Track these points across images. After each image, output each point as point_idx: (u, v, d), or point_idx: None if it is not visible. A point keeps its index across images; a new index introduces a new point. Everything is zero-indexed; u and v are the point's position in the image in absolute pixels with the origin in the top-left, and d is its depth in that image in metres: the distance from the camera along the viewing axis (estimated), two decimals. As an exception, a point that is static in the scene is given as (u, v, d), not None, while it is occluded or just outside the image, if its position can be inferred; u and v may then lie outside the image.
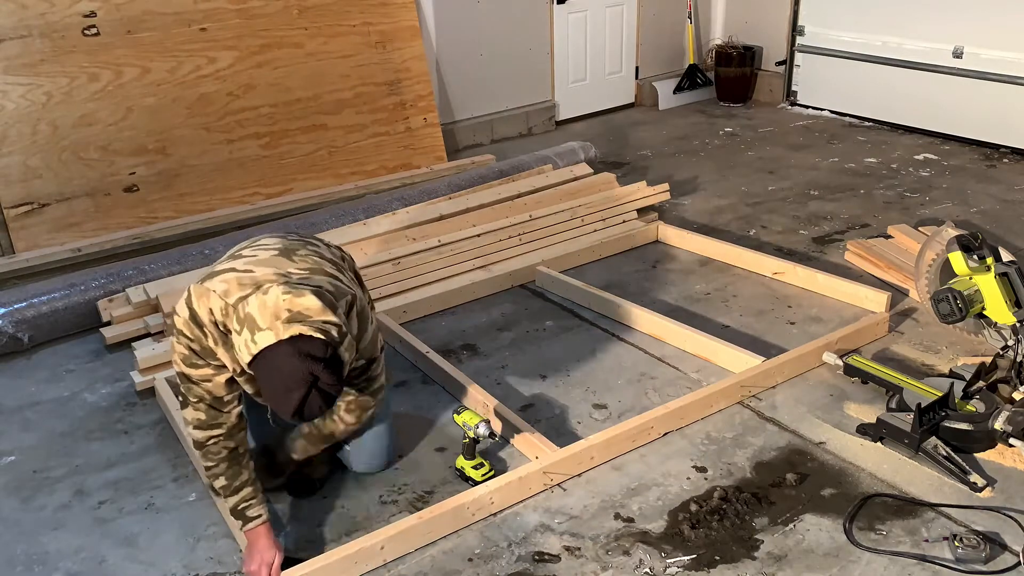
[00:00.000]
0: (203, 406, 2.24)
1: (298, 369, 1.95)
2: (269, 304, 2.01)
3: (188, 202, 4.71)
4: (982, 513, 2.48)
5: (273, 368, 1.97)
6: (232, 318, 2.06)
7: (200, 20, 4.71)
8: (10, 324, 3.49)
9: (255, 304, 2.02)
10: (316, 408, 2.01)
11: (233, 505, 2.30)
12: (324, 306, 2.03)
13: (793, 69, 6.79)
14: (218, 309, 2.10)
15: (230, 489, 2.29)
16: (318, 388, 1.98)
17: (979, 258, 3.06)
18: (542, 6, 6.23)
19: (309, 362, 1.96)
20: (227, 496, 2.30)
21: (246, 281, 2.09)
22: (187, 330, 2.17)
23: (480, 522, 2.51)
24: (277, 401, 2.01)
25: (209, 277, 2.16)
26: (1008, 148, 5.61)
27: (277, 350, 1.96)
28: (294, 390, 1.96)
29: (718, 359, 3.25)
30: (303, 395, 1.97)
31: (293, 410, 1.99)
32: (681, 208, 4.85)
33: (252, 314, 2.01)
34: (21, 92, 4.29)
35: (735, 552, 2.37)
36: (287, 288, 2.04)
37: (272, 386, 1.99)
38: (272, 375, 1.98)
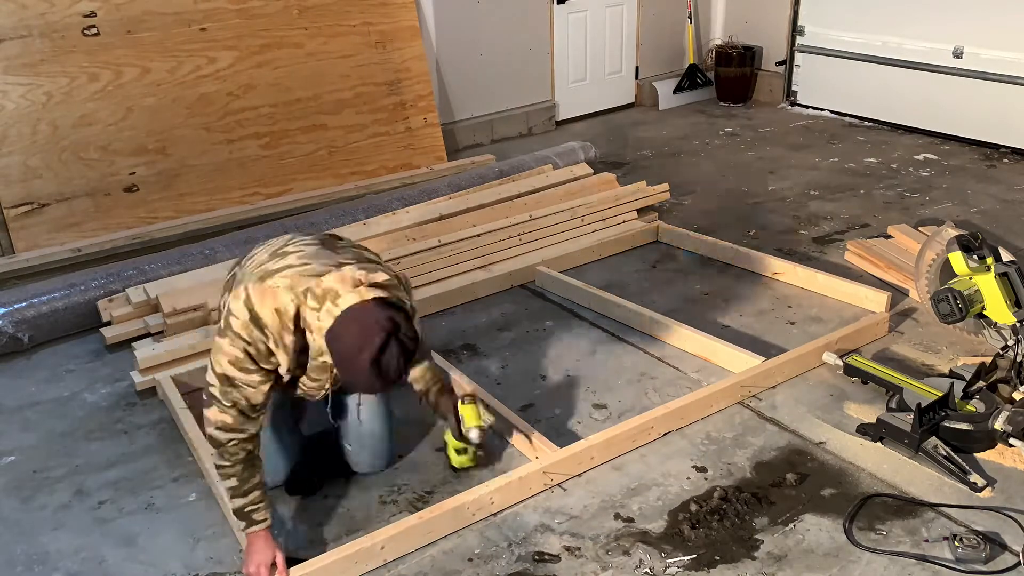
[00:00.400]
0: (235, 411, 2.21)
1: (381, 316, 2.03)
2: (348, 277, 2.11)
3: (188, 202, 4.71)
4: (982, 513, 2.48)
5: (355, 322, 2.04)
6: (307, 301, 2.11)
7: (200, 20, 4.71)
8: (10, 324, 3.49)
9: (333, 279, 2.11)
10: (395, 361, 2.04)
11: (240, 507, 2.27)
12: (391, 282, 2.18)
13: (793, 69, 6.79)
14: (288, 301, 2.13)
15: (240, 491, 2.26)
16: (398, 338, 2.03)
17: (979, 258, 3.06)
18: (542, 6, 6.23)
19: (391, 310, 2.06)
20: (235, 497, 2.27)
21: (308, 272, 2.15)
22: (245, 332, 2.15)
23: (480, 522, 2.51)
24: (355, 357, 2.03)
25: (265, 276, 2.17)
26: (1008, 148, 5.61)
27: (361, 307, 2.05)
28: (375, 335, 2.01)
29: (718, 359, 3.25)
30: (383, 340, 2.01)
31: (371, 358, 2.01)
32: (681, 208, 4.85)
33: (332, 287, 2.09)
34: (21, 92, 4.29)
35: (735, 552, 2.37)
36: (361, 265, 2.17)
37: (350, 341, 2.03)
38: (352, 329, 2.03)
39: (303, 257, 2.21)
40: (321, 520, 2.55)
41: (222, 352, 2.19)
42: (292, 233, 2.42)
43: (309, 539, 2.48)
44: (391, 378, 2.09)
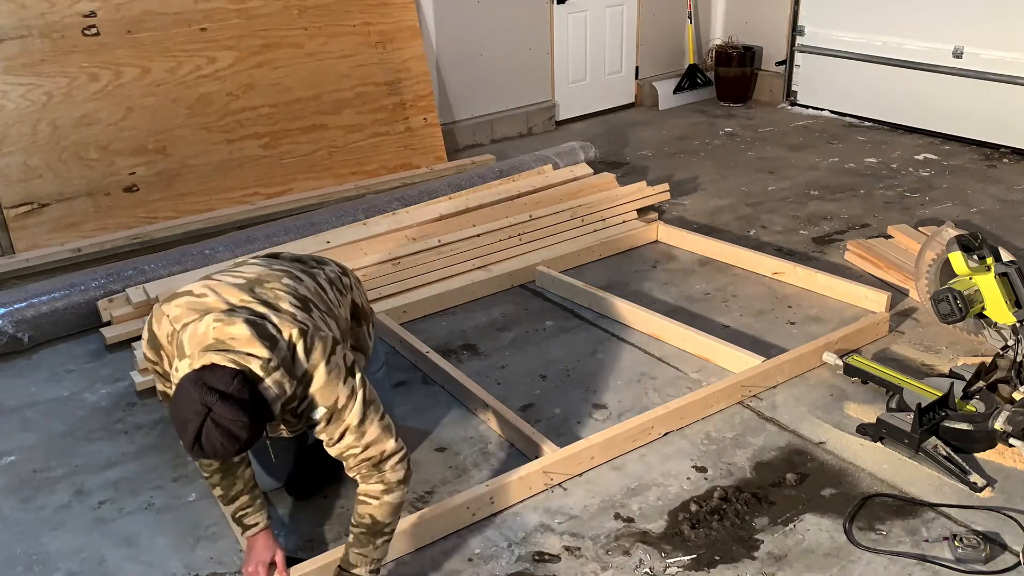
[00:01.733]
0: None
1: (193, 400, 1.84)
2: (199, 332, 1.96)
3: (188, 202, 4.71)
4: (982, 513, 2.48)
5: (176, 401, 1.88)
6: (174, 345, 2.02)
7: (200, 20, 4.71)
8: (10, 324, 3.49)
9: (189, 332, 1.97)
10: (217, 444, 1.85)
11: (231, 513, 2.28)
12: (253, 336, 1.93)
13: (793, 69, 6.79)
14: (166, 335, 2.05)
15: (227, 499, 2.26)
16: (214, 421, 1.83)
17: (979, 258, 3.06)
18: (542, 6, 6.23)
19: (204, 392, 1.84)
20: (225, 505, 2.29)
21: (196, 307, 2.03)
22: (149, 352, 2.12)
23: (480, 522, 2.51)
24: (179, 434, 1.89)
25: (169, 299, 2.10)
26: (1008, 148, 5.61)
27: (184, 382, 1.88)
28: (189, 421, 1.84)
29: (718, 359, 3.25)
30: (197, 427, 1.83)
31: (190, 445, 1.86)
32: (681, 208, 4.85)
33: (184, 342, 1.97)
34: (21, 92, 4.29)
35: (735, 552, 2.37)
36: (219, 316, 1.98)
37: (175, 418, 1.88)
38: (175, 408, 1.88)
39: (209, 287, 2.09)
40: (321, 520, 2.55)
41: None
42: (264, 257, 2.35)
43: (309, 539, 2.48)
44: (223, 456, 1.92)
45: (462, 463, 2.78)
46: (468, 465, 2.77)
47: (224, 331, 1.94)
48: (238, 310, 2.01)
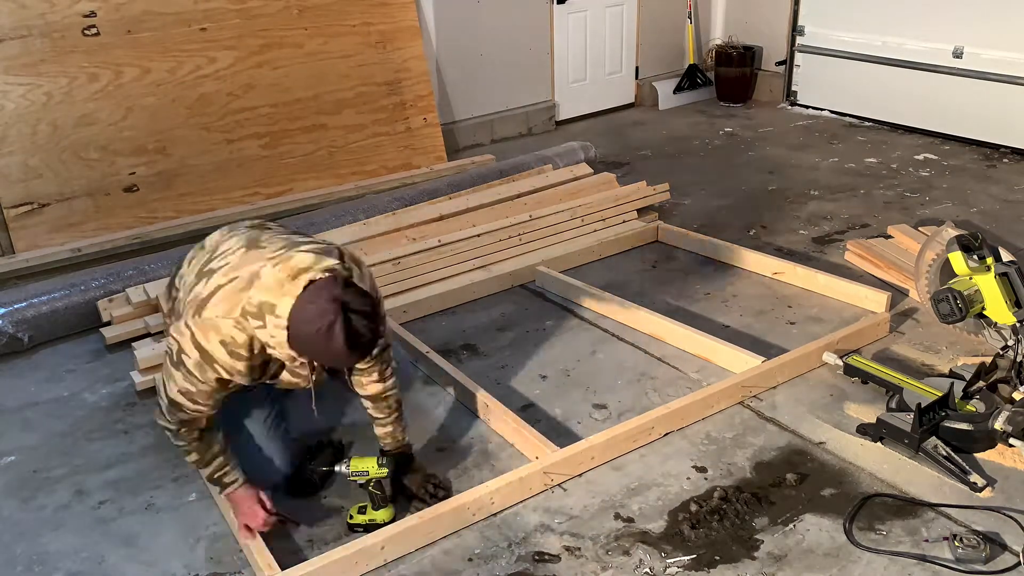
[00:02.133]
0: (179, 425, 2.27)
1: (325, 304, 1.96)
2: (269, 282, 2.04)
3: (188, 202, 4.71)
4: (982, 513, 2.48)
5: (305, 322, 1.97)
6: (250, 320, 2.06)
7: (200, 20, 4.71)
8: (10, 324, 3.49)
9: (258, 291, 2.04)
10: (363, 331, 1.98)
11: (209, 474, 2.36)
12: (316, 255, 2.08)
13: (793, 69, 6.79)
14: (232, 330, 2.08)
15: (203, 462, 2.33)
16: (352, 311, 1.97)
17: (979, 258, 3.06)
18: (542, 6, 6.23)
19: (330, 290, 1.98)
20: (202, 468, 2.35)
21: (236, 287, 2.10)
22: (199, 372, 2.14)
23: (480, 522, 2.51)
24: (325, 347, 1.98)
25: (201, 308, 2.12)
26: (1008, 148, 5.61)
27: (299, 307, 1.98)
28: (333, 323, 1.95)
29: (718, 359, 3.25)
30: (343, 323, 1.95)
31: (343, 343, 1.95)
32: (681, 208, 4.85)
33: (262, 300, 2.03)
34: (21, 92, 4.29)
35: (735, 552, 2.37)
36: (275, 262, 2.08)
37: (315, 338, 1.97)
38: (309, 328, 1.97)
39: (228, 270, 2.15)
40: (321, 520, 2.55)
41: (174, 381, 2.19)
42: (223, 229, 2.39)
43: (309, 539, 2.48)
44: (367, 346, 2.04)
45: (463, 463, 2.78)
46: (469, 465, 2.77)
47: (289, 265, 2.04)
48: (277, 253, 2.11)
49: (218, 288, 2.12)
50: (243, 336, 2.09)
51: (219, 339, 2.09)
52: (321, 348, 2.00)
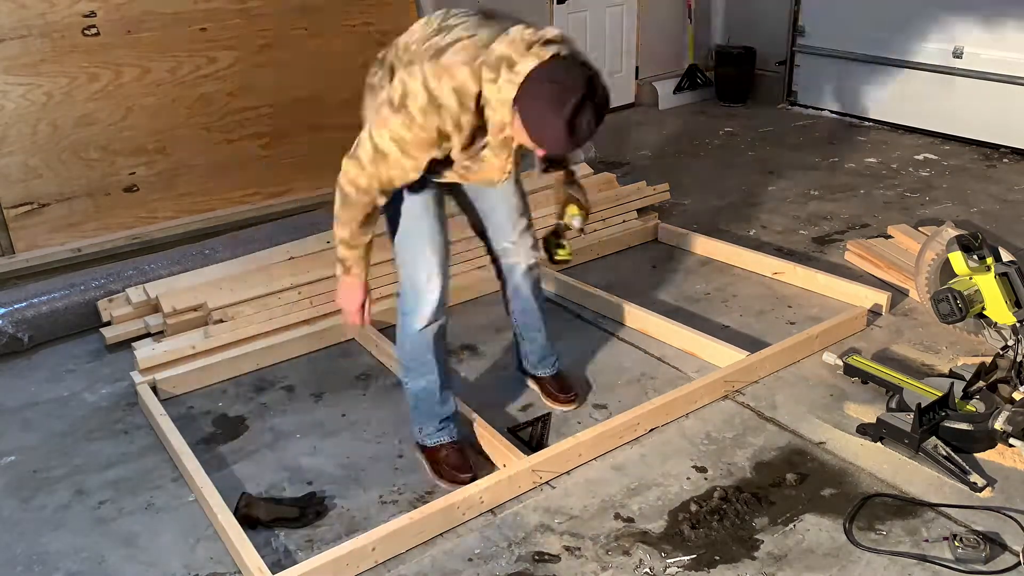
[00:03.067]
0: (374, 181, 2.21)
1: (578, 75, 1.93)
2: (517, 40, 1.98)
3: (188, 202, 4.71)
4: (982, 513, 2.48)
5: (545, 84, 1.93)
6: (483, 71, 2.00)
7: (200, 20, 4.70)
8: (10, 324, 3.49)
9: (502, 45, 1.99)
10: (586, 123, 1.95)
11: (343, 256, 2.37)
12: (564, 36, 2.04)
13: (793, 69, 6.79)
14: (467, 77, 2.03)
15: (349, 244, 2.34)
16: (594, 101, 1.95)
17: (979, 258, 3.06)
18: (542, 6, 6.23)
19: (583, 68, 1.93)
20: (343, 247, 2.35)
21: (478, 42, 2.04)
22: (422, 117, 2.07)
23: (479, 521, 2.51)
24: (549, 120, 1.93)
25: (439, 53, 2.06)
26: (1008, 148, 5.61)
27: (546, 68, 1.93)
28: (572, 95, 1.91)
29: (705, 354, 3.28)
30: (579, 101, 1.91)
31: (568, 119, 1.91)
32: (681, 208, 4.85)
33: (505, 53, 1.98)
34: (21, 92, 4.29)
35: (735, 552, 2.37)
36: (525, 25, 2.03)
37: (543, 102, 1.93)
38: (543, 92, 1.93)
39: (468, 28, 2.09)
40: (321, 520, 2.55)
41: (388, 127, 2.12)
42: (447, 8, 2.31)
43: (308, 539, 2.48)
44: (582, 140, 2.01)
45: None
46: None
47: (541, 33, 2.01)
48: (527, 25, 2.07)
49: (459, 39, 2.07)
50: (474, 87, 2.03)
51: (451, 85, 2.04)
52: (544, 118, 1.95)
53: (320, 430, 2.98)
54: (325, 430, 2.98)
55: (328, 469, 2.77)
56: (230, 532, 2.38)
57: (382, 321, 3.58)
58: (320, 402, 3.15)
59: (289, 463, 2.81)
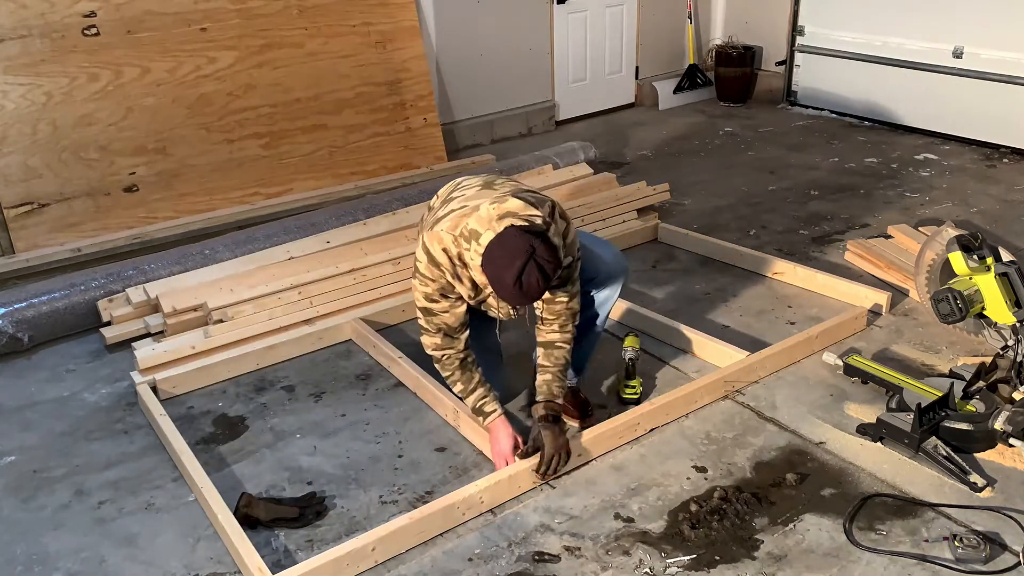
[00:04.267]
0: (440, 335, 2.62)
1: (519, 243, 2.31)
2: (483, 215, 2.41)
3: (188, 202, 4.71)
4: (982, 513, 2.48)
5: (497, 251, 2.33)
6: (460, 241, 2.44)
7: (200, 20, 4.71)
8: (10, 324, 3.49)
9: (473, 220, 2.42)
10: (534, 280, 2.30)
11: (472, 405, 2.70)
12: (526, 204, 2.43)
13: (793, 69, 6.79)
14: (450, 242, 2.47)
15: (467, 392, 2.69)
16: (535, 259, 2.29)
17: (979, 258, 3.05)
18: (542, 6, 6.23)
19: (528, 236, 2.32)
20: (465, 398, 2.71)
21: (463, 213, 2.47)
22: (428, 273, 2.53)
23: (479, 520, 2.51)
24: (501, 278, 2.32)
25: (435, 224, 2.52)
26: (1008, 148, 5.61)
27: (497, 238, 2.35)
28: (516, 259, 2.29)
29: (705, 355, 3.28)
30: (523, 263, 2.29)
31: (514, 278, 2.29)
32: (681, 208, 4.85)
33: (474, 228, 2.41)
34: (21, 92, 4.29)
35: (735, 552, 2.37)
36: (493, 200, 2.46)
37: (497, 267, 2.33)
38: (497, 258, 2.33)
39: (464, 199, 2.54)
40: (320, 520, 2.55)
41: (416, 291, 2.59)
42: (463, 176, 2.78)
43: (308, 539, 2.48)
44: (532, 294, 2.35)
45: (462, 463, 2.79)
46: (468, 465, 2.77)
47: (503, 208, 2.41)
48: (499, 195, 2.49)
49: (451, 212, 2.52)
50: (455, 249, 2.48)
51: (441, 247, 2.49)
52: (498, 280, 2.34)
53: (320, 430, 2.98)
54: (325, 430, 2.98)
55: (328, 469, 2.78)
56: (230, 532, 2.38)
57: (379, 322, 3.59)
58: (320, 402, 3.15)
59: (289, 463, 2.81)
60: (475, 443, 2.84)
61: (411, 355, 3.26)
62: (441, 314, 2.59)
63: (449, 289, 2.55)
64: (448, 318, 2.60)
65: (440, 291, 2.55)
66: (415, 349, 3.39)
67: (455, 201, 2.58)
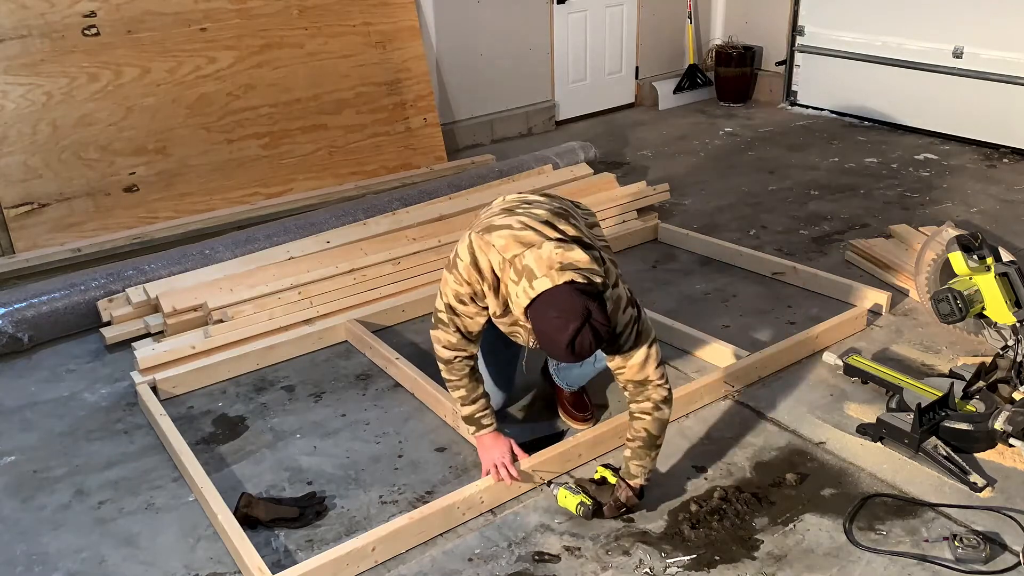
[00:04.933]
0: (457, 335, 2.50)
1: (576, 304, 2.17)
2: (544, 256, 2.24)
3: (188, 202, 4.71)
4: (982, 513, 2.48)
5: (550, 306, 2.19)
6: (509, 270, 2.29)
7: (200, 20, 4.71)
8: (10, 324, 3.49)
9: (531, 257, 2.24)
10: (587, 344, 2.18)
11: (469, 414, 2.60)
12: (592, 259, 2.26)
13: (793, 69, 6.79)
14: (496, 263, 2.33)
15: (468, 400, 2.59)
16: (591, 323, 2.16)
17: (979, 258, 3.05)
18: (542, 6, 6.23)
19: (584, 298, 2.18)
20: (464, 405, 2.60)
21: (522, 239, 2.30)
22: (467, 274, 2.40)
23: (479, 520, 2.51)
24: (552, 337, 2.19)
25: (488, 231, 2.36)
26: (1008, 148, 5.61)
27: (554, 292, 2.19)
28: (571, 322, 2.15)
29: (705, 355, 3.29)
30: (578, 327, 2.15)
31: (567, 342, 2.16)
32: (681, 208, 4.85)
33: (529, 266, 2.24)
34: (21, 92, 4.29)
35: (735, 552, 2.37)
36: (558, 244, 2.28)
37: (549, 324, 2.19)
38: (549, 313, 2.19)
39: (528, 221, 2.36)
40: (321, 520, 2.55)
41: (448, 285, 2.47)
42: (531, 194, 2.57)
43: (308, 539, 2.48)
44: (583, 356, 2.23)
45: (462, 463, 2.79)
46: (468, 465, 2.77)
47: (567, 256, 2.24)
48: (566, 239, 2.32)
49: (510, 227, 2.35)
50: (500, 273, 2.34)
51: (487, 258, 2.35)
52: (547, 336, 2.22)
53: (320, 430, 2.98)
54: (325, 430, 2.98)
55: (328, 469, 2.78)
56: (230, 532, 2.39)
57: (376, 323, 3.58)
58: (320, 402, 3.15)
59: (289, 463, 2.81)
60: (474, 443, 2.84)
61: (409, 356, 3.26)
62: (464, 317, 2.48)
63: (480, 297, 2.43)
64: (471, 323, 2.49)
65: (472, 295, 2.43)
66: (411, 350, 3.40)
67: (518, 216, 2.38)
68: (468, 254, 2.39)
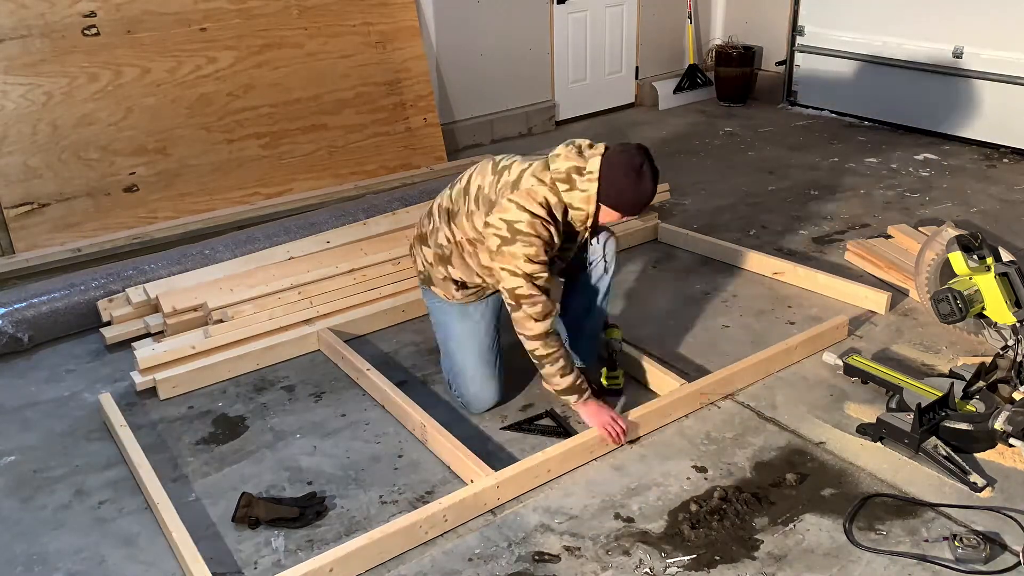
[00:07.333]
0: (542, 298, 2.63)
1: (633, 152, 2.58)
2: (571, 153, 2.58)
3: (188, 202, 4.71)
4: (982, 513, 2.48)
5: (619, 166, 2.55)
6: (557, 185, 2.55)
7: (200, 20, 4.71)
8: (10, 324, 3.49)
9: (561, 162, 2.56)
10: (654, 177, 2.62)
11: (572, 382, 2.73)
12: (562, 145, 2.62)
13: (793, 69, 6.79)
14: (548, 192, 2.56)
15: (569, 368, 2.72)
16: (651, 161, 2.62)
17: (979, 258, 3.06)
18: (542, 6, 6.23)
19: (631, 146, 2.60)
20: (567, 375, 2.72)
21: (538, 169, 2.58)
22: (533, 229, 2.55)
23: (479, 520, 2.51)
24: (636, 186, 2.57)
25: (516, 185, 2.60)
26: (1008, 148, 5.61)
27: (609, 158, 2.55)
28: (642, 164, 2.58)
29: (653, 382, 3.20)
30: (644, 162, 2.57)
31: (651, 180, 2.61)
32: (681, 208, 4.85)
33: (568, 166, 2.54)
34: (21, 92, 4.29)
35: (735, 552, 2.37)
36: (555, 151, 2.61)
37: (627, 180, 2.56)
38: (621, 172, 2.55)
39: (521, 161, 2.65)
40: (320, 520, 2.55)
41: (517, 257, 2.57)
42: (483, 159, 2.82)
43: (308, 539, 2.48)
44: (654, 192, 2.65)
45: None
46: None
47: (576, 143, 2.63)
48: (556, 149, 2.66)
49: (523, 171, 2.59)
50: (555, 198, 2.57)
51: (538, 201, 2.55)
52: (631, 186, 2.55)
53: (320, 430, 2.98)
54: (325, 430, 2.98)
55: (328, 469, 2.78)
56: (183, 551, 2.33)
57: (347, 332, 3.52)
58: (320, 402, 3.15)
59: (289, 463, 2.81)
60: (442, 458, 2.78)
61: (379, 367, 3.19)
62: (540, 274, 2.61)
63: (548, 247, 2.59)
64: (544, 280, 2.63)
65: (545, 243, 2.57)
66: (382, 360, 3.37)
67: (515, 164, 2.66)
68: (522, 213, 2.55)
